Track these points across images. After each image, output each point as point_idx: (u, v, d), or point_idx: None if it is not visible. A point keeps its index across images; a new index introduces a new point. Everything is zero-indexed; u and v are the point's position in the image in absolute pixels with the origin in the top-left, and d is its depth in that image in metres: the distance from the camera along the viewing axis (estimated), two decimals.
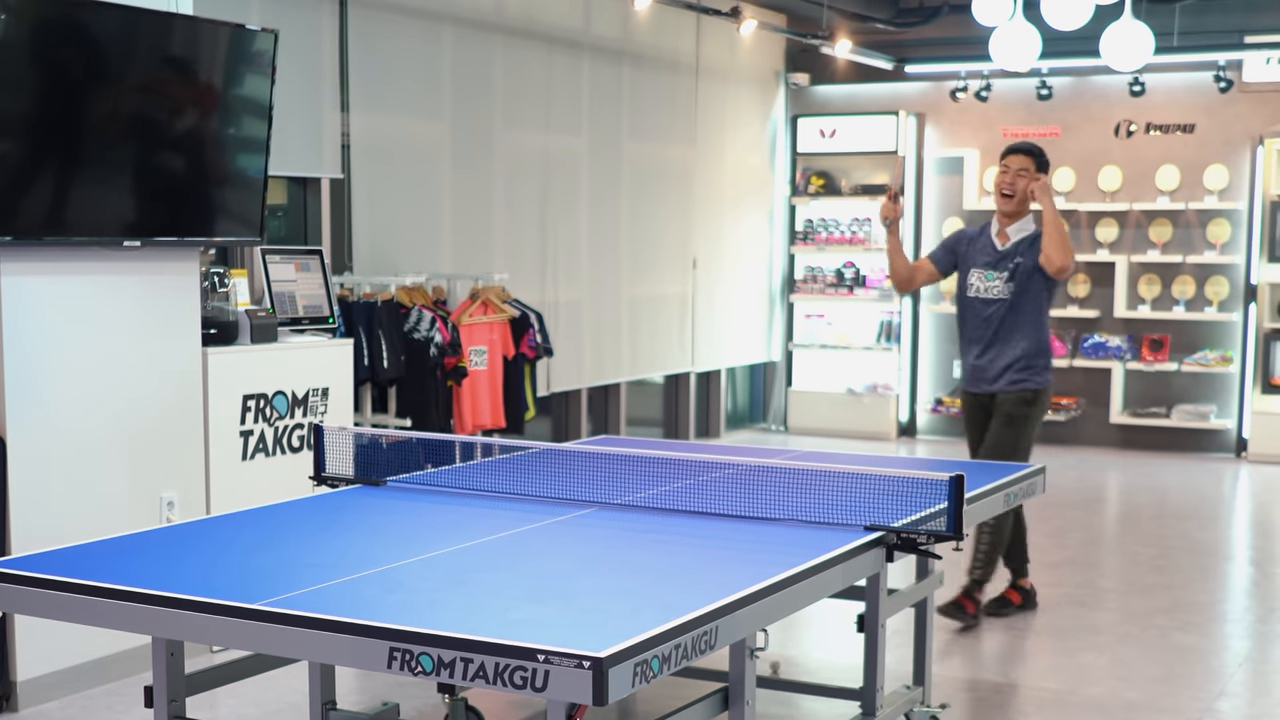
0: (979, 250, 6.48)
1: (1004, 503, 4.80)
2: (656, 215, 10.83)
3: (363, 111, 7.86)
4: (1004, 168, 6.46)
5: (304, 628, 3.03)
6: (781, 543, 3.82)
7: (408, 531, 4.02)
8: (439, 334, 7.30)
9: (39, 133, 5.22)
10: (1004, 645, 6.15)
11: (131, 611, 3.24)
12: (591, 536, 3.92)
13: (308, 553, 3.72)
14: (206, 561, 3.63)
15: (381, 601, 3.17)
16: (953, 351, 12.34)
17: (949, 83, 11.97)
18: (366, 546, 3.78)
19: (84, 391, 5.46)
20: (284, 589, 3.23)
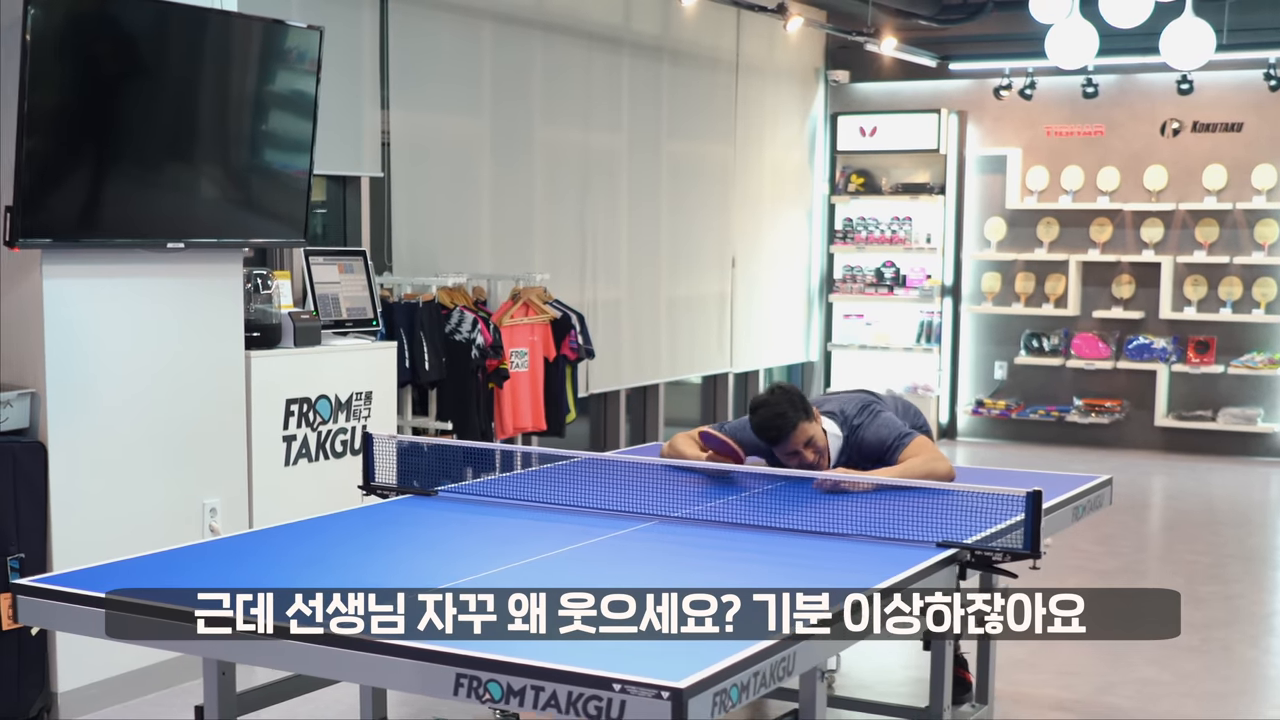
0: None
1: (1072, 516, 4.66)
2: (695, 214, 10.70)
3: (403, 109, 7.74)
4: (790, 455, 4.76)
5: (367, 651, 2.92)
6: (853, 560, 3.69)
7: (465, 546, 3.90)
8: (481, 336, 7.18)
9: (80, 133, 5.12)
10: (1063, 660, 6.00)
11: (182, 631, 3.12)
12: (656, 553, 3.80)
13: (363, 569, 3.60)
14: (259, 578, 3.51)
15: (444, 624, 3.04)
16: (994, 352, 12.20)
17: (992, 80, 11.79)
18: (424, 562, 3.67)
19: (126, 396, 5.35)
20: (342, 609, 3.10)
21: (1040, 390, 12.04)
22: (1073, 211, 11.74)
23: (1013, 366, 12.13)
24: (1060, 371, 11.89)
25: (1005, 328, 12.14)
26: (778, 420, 4.71)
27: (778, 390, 4.81)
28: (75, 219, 5.13)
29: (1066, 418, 11.78)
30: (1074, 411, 11.77)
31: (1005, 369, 12.18)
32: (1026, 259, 11.90)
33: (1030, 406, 11.99)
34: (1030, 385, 12.09)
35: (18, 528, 5.00)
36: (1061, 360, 11.80)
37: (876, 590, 3.34)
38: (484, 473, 5.03)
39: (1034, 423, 11.96)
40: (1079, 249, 11.72)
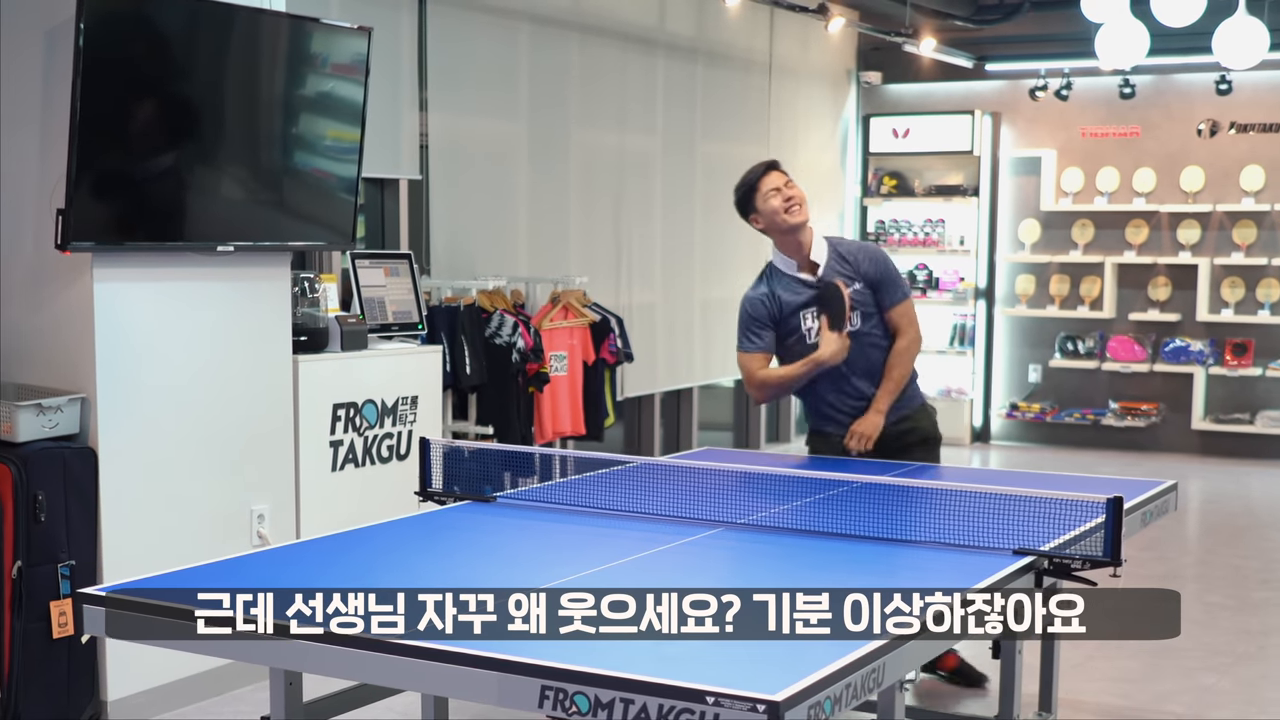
0: (790, 293, 5.29)
1: (1141, 522, 4.58)
2: (729, 216, 10.54)
3: (441, 111, 7.68)
4: (770, 192, 5.23)
5: (446, 662, 2.85)
6: (930, 568, 3.62)
7: (531, 554, 3.84)
8: (521, 339, 7.12)
9: (131, 137, 5.09)
10: (1119, 667, 5.92)
11: (251, 641, 3.06)
12: (729, 560, 3.73)
13: (431, 577, 3.53)
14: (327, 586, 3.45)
15: (523, 634, 2.97)
16: (1028, 355, 12.11)
17: (1026, 81, 11.71)
18: (492, 570, 3.60)
19: (175, 401, 5.30)
20: (415, 618, 3.04)
21: (1075, 393, 11.96)
22: (1108, 213, 11.66)
23: (1047, 369, 12.04)
24: (1096, 374, 11.81)
25: (1039, 330, 12.05)
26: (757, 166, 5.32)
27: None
28: (126, 222, 5.09)
29: (1102, 421, 11.70)
30: (1110, 415, 11.69)
31: (1040, 372, 12.09)
32: (1061, 261, 11.82)
33: (1065, 410, 11.90)
34: (1065, 388, 12.00)
35: (68, 535, 4.96)
36: (1097, 363, 11.72)
37: (960, 598, 3.27)
38: (536, 478, 4.97)
39: (1069, 426, 11.88)
40: (1114, 251, 11.64)
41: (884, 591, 3.38)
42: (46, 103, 5.02)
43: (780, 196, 5.23)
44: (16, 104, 5.14)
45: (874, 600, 3.28)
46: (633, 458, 5.05)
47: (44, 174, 5.02)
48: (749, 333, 5.30)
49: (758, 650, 2.91)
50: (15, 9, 5.12)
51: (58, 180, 4.87)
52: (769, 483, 4.61)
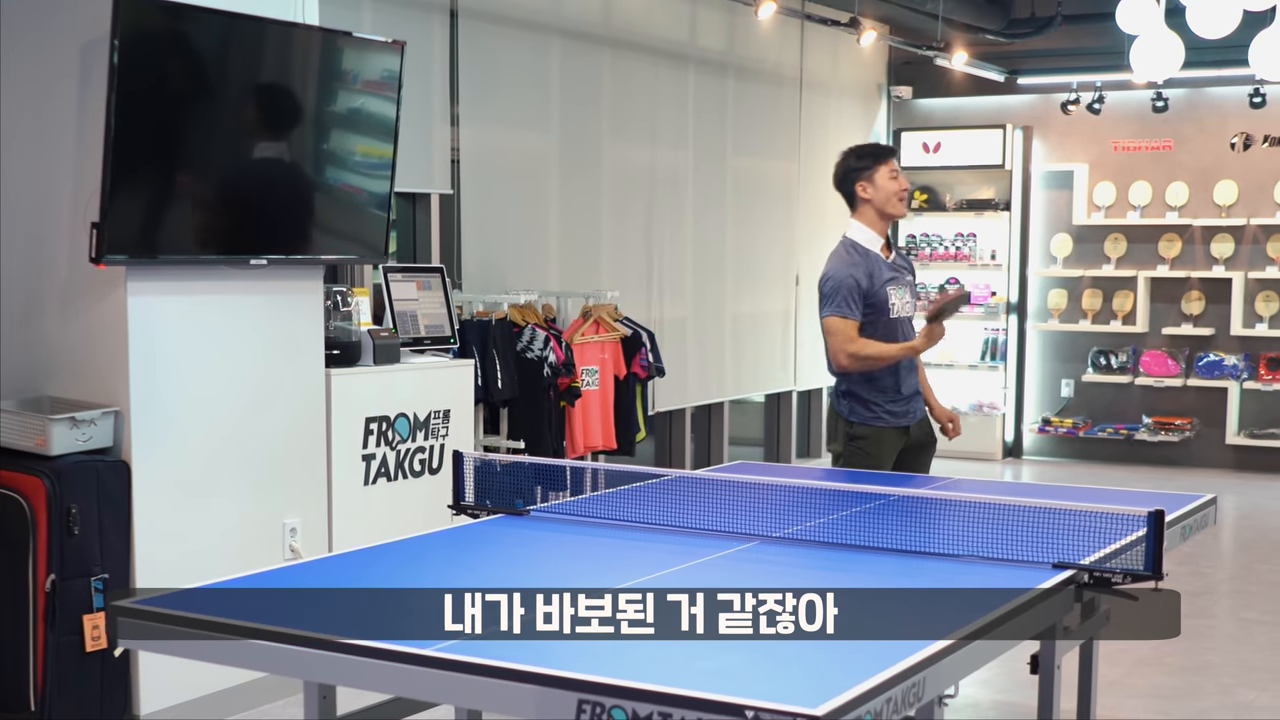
0: (878, 269, 5.42)
1: (1180, 536, 4.53)
2: (760, 230, 10.61)
3: (472, 125, 7.69)
4: (894, 173, 5.46)
5: (482, 676, 2.83)
6: (969, 582, 3.58)
7: (566, 567, 3.82)
8: (553, 353, 7.11)
9: (166, 151, 5.09)
10: (1160, 684, 5.87)
11: (287, 654, 3.04)
12: (765, 574, 3.70)
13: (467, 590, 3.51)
14: (362, 599, 3.43)
15: (559, 647, 2.95)
16: (1060, 370, 12.05)
17: (1058, 95, 11.66)
18: (527, 584, 3.57)
19: (208, 414, 5.30)
20: (451, 631, 3.02)
21: (1108, 408, 11.88)
22: (1141, 227, 11.59)
23: (1080, 384, 11.97)
24: (1129, 389, 11.74)
25: (1072, 345, 11.99)
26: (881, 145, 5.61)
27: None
28: (159, 236, 5.09)
29: (1135, 436, 11.63)
30: (1143, 430, 11.61)
31: (1072, 387, 12.02)
32: (1094, 275, 11.76)
33: (1098, 425, 11.83)
34: (1098, 403, 11.93)
35: (101, 548, 4.96)
36: (1130, 378, 11.64)
37: (1000, 613, 3.24)
38: (568, 491, 4.95)
39: (1102, 441, 11.80)
40: (1147, 265, 11.57)
41: (922, 606, 3.37)
42: (81, 117, 5.04)
43: (900, 184, 5.46)
44: (52, 118, 5.15)
45: (912, 614, 3.27)
46: (667, 471, 5.03)
47: (78, 187, 5.03)
48: (849, 302, 5.36)
49: (796, 664, 2.89)
50: (51, 25, 5.13)
51: (92, 194, 4.88)
52: (804, 496, 4.58)
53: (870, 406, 5.45)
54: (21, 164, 5.24)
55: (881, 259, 5.46)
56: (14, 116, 5.23)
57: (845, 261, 5.42)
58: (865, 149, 5.61)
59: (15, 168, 5.25)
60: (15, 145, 5.24)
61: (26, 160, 5.23)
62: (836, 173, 5.59)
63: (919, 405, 5.63)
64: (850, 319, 5.36)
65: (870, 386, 5.47)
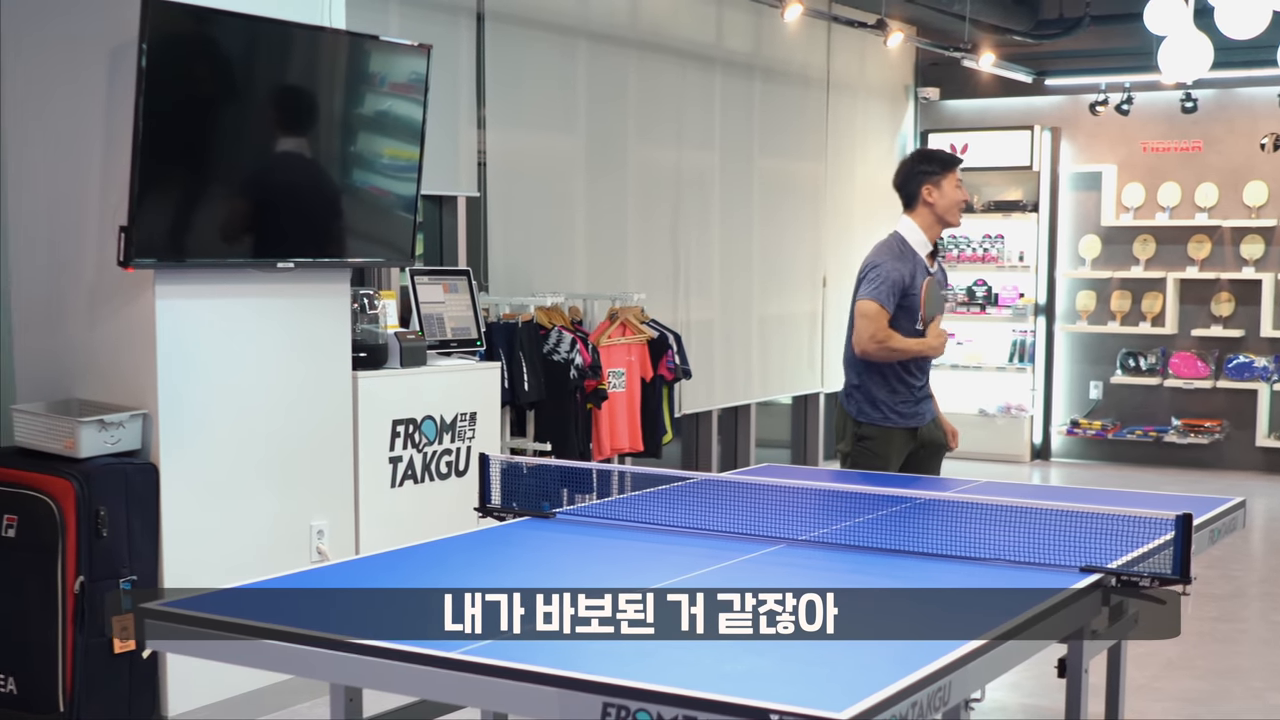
0: (920, 273, 5.50)
1: (1209, 540, 4.51)
2: (787, 232, 10.60)
3: (499, 128, 7.69)
4: (960, 185, 5.59)
5: (506, 678, 2.83)
6: (995, 585, 3.57)
7: (591, 570, 3.82)
8: (579, 356, 7.11)
9: (193, 154, 5.11)
10: (1189, 688, 5.84)
11: (313, 656, 3.05)
12: (790, 577, 3.69)
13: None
14: (386, 601, 3.44)
15: (583, 649, 2.95)
16: (1089, 372, 12.00)
17: (1086, 96, 11.61)
18: (552, 586, 3.57)
19: (235, 416, 5.32)
20: (476, 634, 3.02)
21: (1137, 410, 11.83)
22: (1170, 228, 11.54)
23: (1108, 386, 11.93)
24: (1158, 391, 11.68)
25: (1100, 347, 11.94)
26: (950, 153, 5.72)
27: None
28: (187, 239, 5.11)
29: (1164, 438, 11.57)
30: (1172, 432, 11.56)
31: (1101, 389, 11.98)
32: (1122, 277, 11.71)
33: (1127, 427, 11.78)
34: (1127, 405, 11.88)
35: (130, 549, 4.98)
36: (1159, 379, 11.59)
37: (1027, 616, 3.23)
38: (595, 494, 4.94)
39: (1131, 443, 11.75)
40: (1177, 266, 11.52)
41: (948, 609, 3.36)
42: (110, 121, 5.06)
43: (963, 194, 5.59)
44: (80, 122, 5.17)
45: (938, 618, 3.26)
46: (692, 474, 5.02)
47: (107, 191, 5.05)
48: (891, 295, 5.42)
49: (821, 667, 2.88)
50: (79, 30, 5.16)
51: (120, 197, 4.90)
52: (830, 499, 4.57)
53: (879, 406, 5.47)
54: (48, 168, 5.26)
55: (925, 264, 5.51)
56: (40, 120, 5.26)
57: (895, 255, 5.48)
58: (936, 154, 5.71)
59: (42, 171, 5.28)
60: (42, 149, 5.27)
61: (53, 164, 5.26)
62: (901, 171, 5.67)
63: (929, 408, 5.65)
64: (886, 309, 5.41)
65: (884, 385, 5.50)
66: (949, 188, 5.50)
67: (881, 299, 5.40)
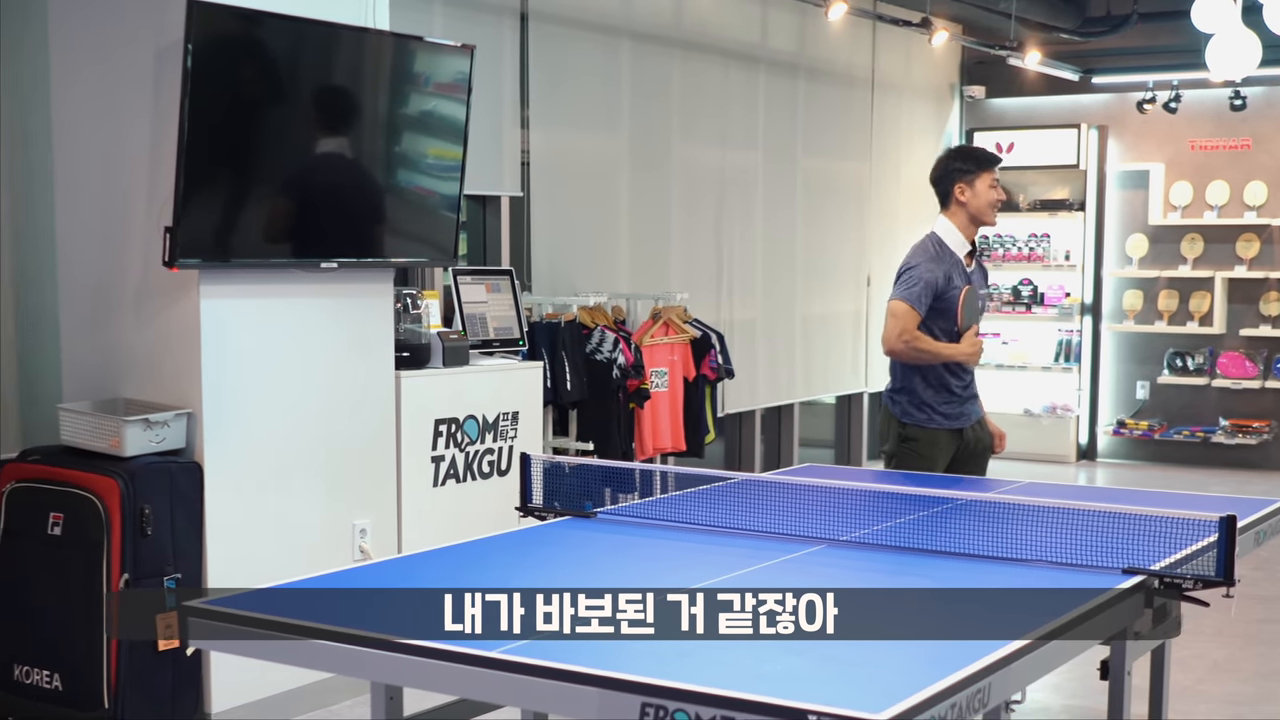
0: (957, 274, 5.44)
1: (1254, 542, 4.47)
2: (830, 231, 10.57)
3: (542, 128, 7.71)
4: (994, 182, 5.50)
5: (545, 678, 2.83)
6: (1036, 587, 3.55)
7: (631, 570, 3.82)
8: (622, 355, 7.12)
9: (238, 155, 5.14)
10: (1233, 691, 5.80)
11: (354, 655, 3.06)
12: (830, 578, 3.68)
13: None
14: (425, 600, 3.45)
15: (622, 649, 2.95)
16: (1135, 372, 11.92)
17: (1134, 94, 11.53)
18: (593, 586, 3.57)
19: (279, 416, 5.35)
20: (515, 633, 3.03)
21: (1184, 410, 11.74)
22: (1218, 227, 11.45)
23: (1155, 386, 11.84)
24: (1205, 391, 11.59)
25: (1147, 346, 11.86)
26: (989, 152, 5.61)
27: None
28: (232, 239, 5.14)
29: (1212, 438, 11.49)
30: (1220, 432, 11.47)
31: (1148, 389, 11.89)
32: (1170, 276, 11.63)
33: (1174, 427, 11.70)
34: (1174, 405, 11.79)
35: (174, 548, 5.01)
36: (1206, 379, 11.50)
37: (1067, 618, 3.21)
38: (637, 494, 4.95)
39: (1178, 444, 11.67)
40: (1225, 265, 11.43)
41: (989, 609, 3.34)
42: (155, 122, 5.09)
43: (997, 193, 5.50)
44: (127, 124, 5.21)
45: (978, 618, 3.24)
46: (734, 474, 5.02)
47: (152, 192, 5.09)
48: (922, 296, 5.38)
49: (861, 667, 2.87)
50: (124, 32, 5.20)
51: (166, 198, 4.94)
52: (872, 500, 4.56)
53: (923, 408, 5.44)
54: (96, 169, 5.31)
55: (962, 264, 5.46)
56: (87, 121, 5.31)
57: (930, 257, 5.43)
58: (971, 151, 5.63)
59: (90, 173, 5.32)
60: (90, 151, 5.32)
61: (101, 165, 5.30)
62: (936, 169, 5.61)
63: (974, 409, 5.59)
64: (916, 310, 5.37)
65: (928, 386, 5.46)
66: (982, 188, 5.44)
67: (912, 300, 5.37)
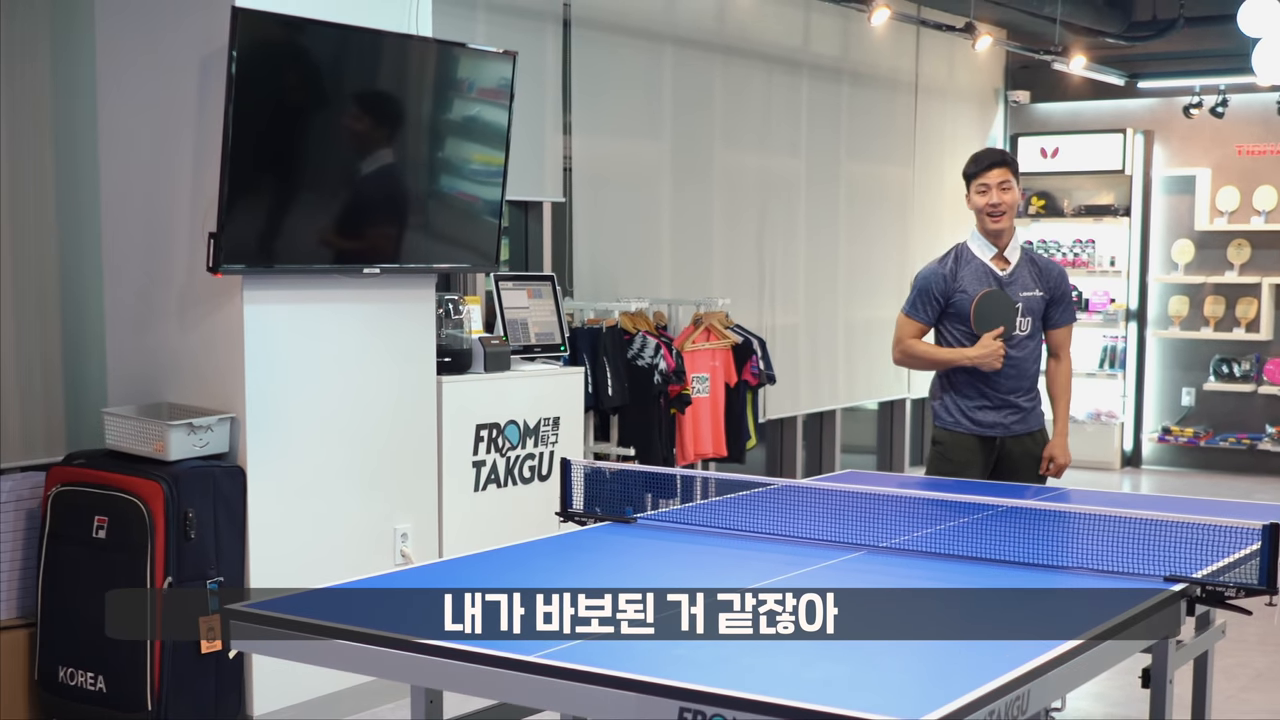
0: (973, 278, 5.36)
1: None
2: (874, 237, 10.55)
3: (584, 134, 7.73)
4: (982, 188, 5.31)
5: (583, 682, 2.84)
6: (1078, 594, 3.53)
7: (671, 575, 3.81)
8: (664, 361, 7.12)
9: (281, 161, 5.17)
10: (1277, 700, 5.75)
11: (394, 659, 3.08)
12: (871, 584, 3.68)
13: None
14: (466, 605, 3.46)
15: (662, 654, 2.96)
16: (1181, 378, 11.84)
17: (1180, 98, 11.45)
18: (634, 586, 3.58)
19: (322, 420, 5.38)
20: (556, 638, 3.04)
21: (1230, 417, 11.65)
22: (1265, 233, 11.36)
23: (1201, 393, 11.76)
24: (1252, 398, 11.51)
25: (1193, 353, 11.78)
26: (1008, 155, 5.53)
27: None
28: (275, 245, 5.18)
29: (1258, 446, 11.40)
30: (1266, 439, 11.38)
31: (1193, 395, 11.81)
32: (1216, 282, 11.55)
33: (1220, 434, 11.61)
34: (1219, 412, 11.71)
35: (217, 551, 5.05)
36: (1253, 386, 11.42)
37: (1108, 626, 3.19)
38: (677, 500, 4.95)
39: (1223, 451, 11.59)
40: (1272, 271, 11.34)
41: (1028, 616, 3.33)
42: (200, 129, 5.14)
43: (987, 198, 5.34)
44: (172, 130, 5.26)
45: (1017, 625, 3.23)
46: (774, 479, 5.02)
47: (196, 198, 5.13)
48: (918, 303, 5.44)
49: (897, 674, 2.87)
50: (169, 39, 5.24)
51: (209, 204, 4.98)
52: (913, 506, 4.54)
53: (951, 411, 5.42)
54: (141, 175, 5.35)
55: (987, 269, 5.36)
56: (133, 127, 5.35)
57: (935, 263, 5.48)
58: (976, 156, 5.55)
59: (136, 179, 5.36)
60: (135, 157, 5.36)
61: (146, 171, 5.34)
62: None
63: (1018, 421, 5.43)
64: (914, 319, 5.44)
65: (956, 390, 5.45)
66: (973, 193, 5.38)
67: (906, 308, 5.45)
